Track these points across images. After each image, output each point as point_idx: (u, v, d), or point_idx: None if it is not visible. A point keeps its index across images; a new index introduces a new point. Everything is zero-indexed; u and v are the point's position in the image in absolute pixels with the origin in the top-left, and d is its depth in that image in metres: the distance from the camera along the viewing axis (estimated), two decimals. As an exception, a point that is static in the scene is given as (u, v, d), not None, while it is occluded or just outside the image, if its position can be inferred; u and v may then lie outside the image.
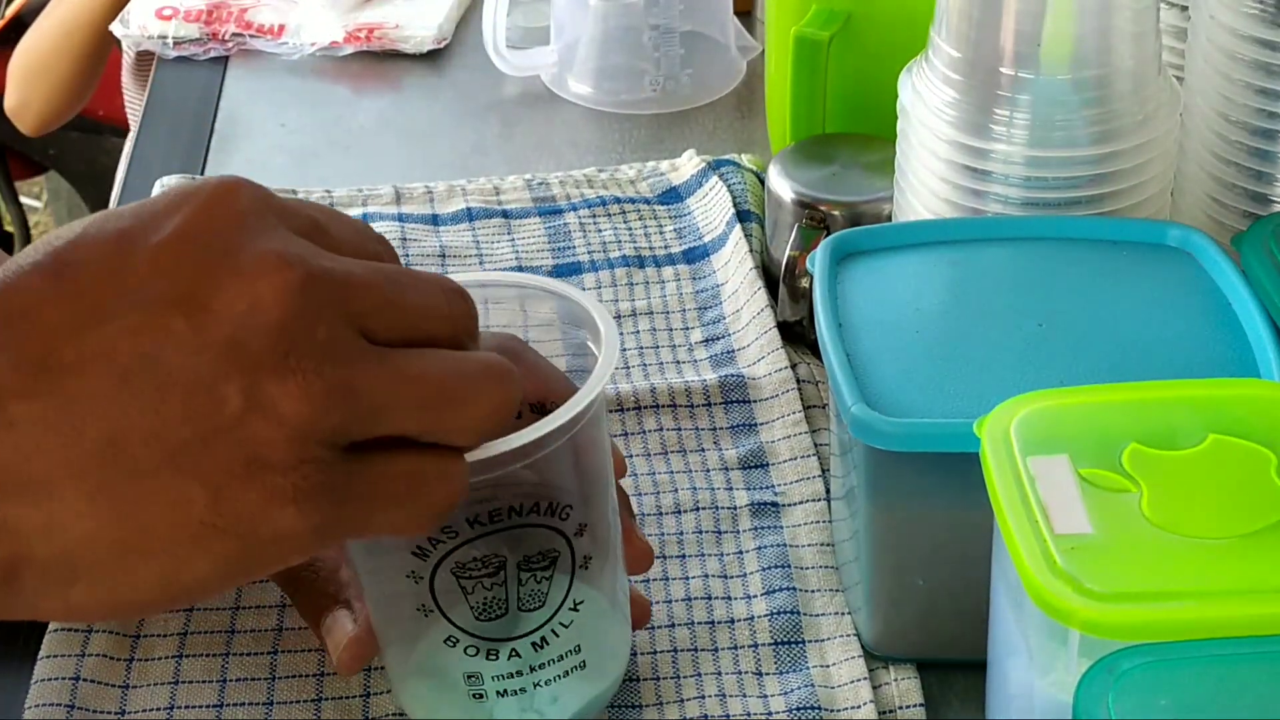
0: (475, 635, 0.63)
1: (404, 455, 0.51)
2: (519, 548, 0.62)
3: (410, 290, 0.52)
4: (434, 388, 0.51)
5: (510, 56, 1.15)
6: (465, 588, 0.61)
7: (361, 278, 0.50)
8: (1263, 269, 0.72)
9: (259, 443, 0.48)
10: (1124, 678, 0.50)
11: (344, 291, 0.49)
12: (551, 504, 0.61)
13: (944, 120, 0.78)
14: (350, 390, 0.49)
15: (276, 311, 0.48)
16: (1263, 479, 0.56)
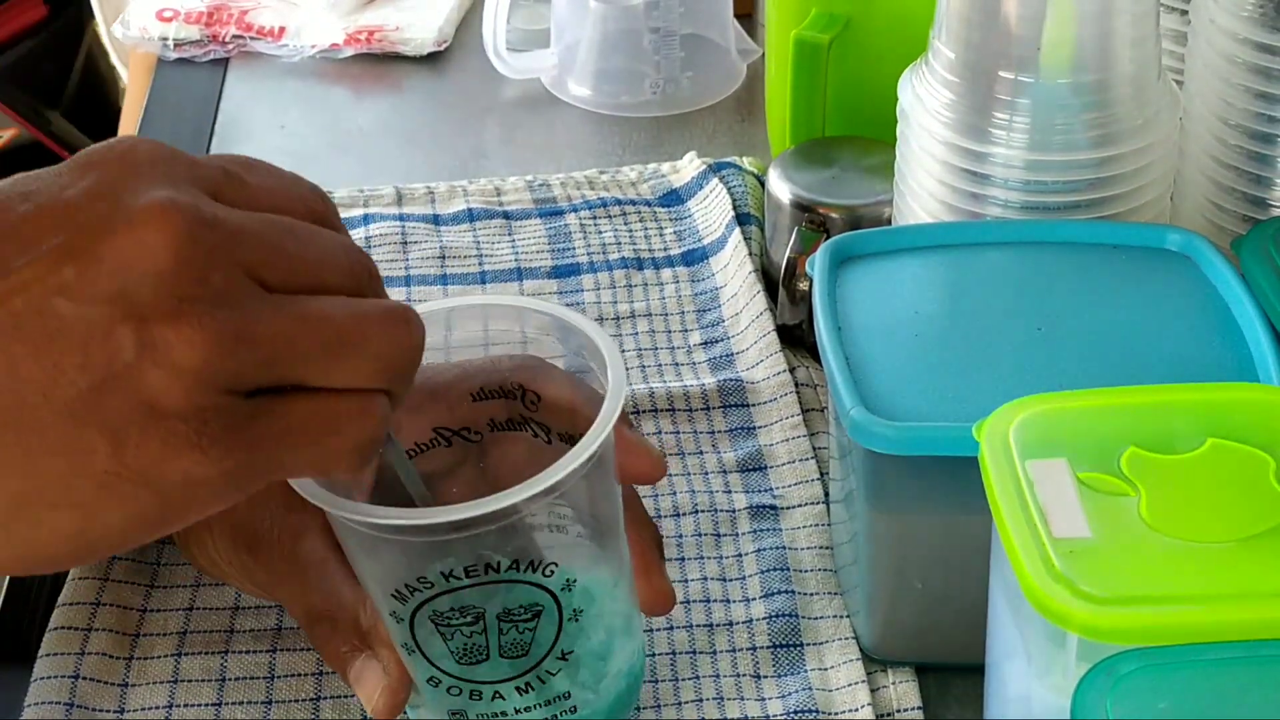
0: (457, 677, 0.62)
1: (312, 396, 0.50)
2: (500, 599, 0.61)
3: (308, 244, 0.51)
4: (332, 330, 0.50)
5: (510, 59, 1.15)
6: (444, 634, 0.61)
7: (256, 228, 0.50)
8: (1262, 273, 0.72)
9: (156, 389, 0.48)
10: (1122, 681, 0.50)
11: (237, 240, 0.49)
12: (533, 561, 0.60)
13: (943, 123, 0.78)
14: (246, 335, 0.48)
15: (166, 257, 0.47)
16: (1261, 483, 0.56)
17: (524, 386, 0.66)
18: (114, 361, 0.47)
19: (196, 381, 0.48)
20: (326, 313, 0.50)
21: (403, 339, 0.52)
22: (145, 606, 0.74)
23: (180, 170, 0.50)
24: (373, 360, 0.51)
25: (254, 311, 0.49)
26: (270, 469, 0.51)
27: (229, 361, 0.48)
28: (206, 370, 0.48)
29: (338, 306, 0.51)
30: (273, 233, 0.50)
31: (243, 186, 0.51)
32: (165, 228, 0.48)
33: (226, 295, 0.48)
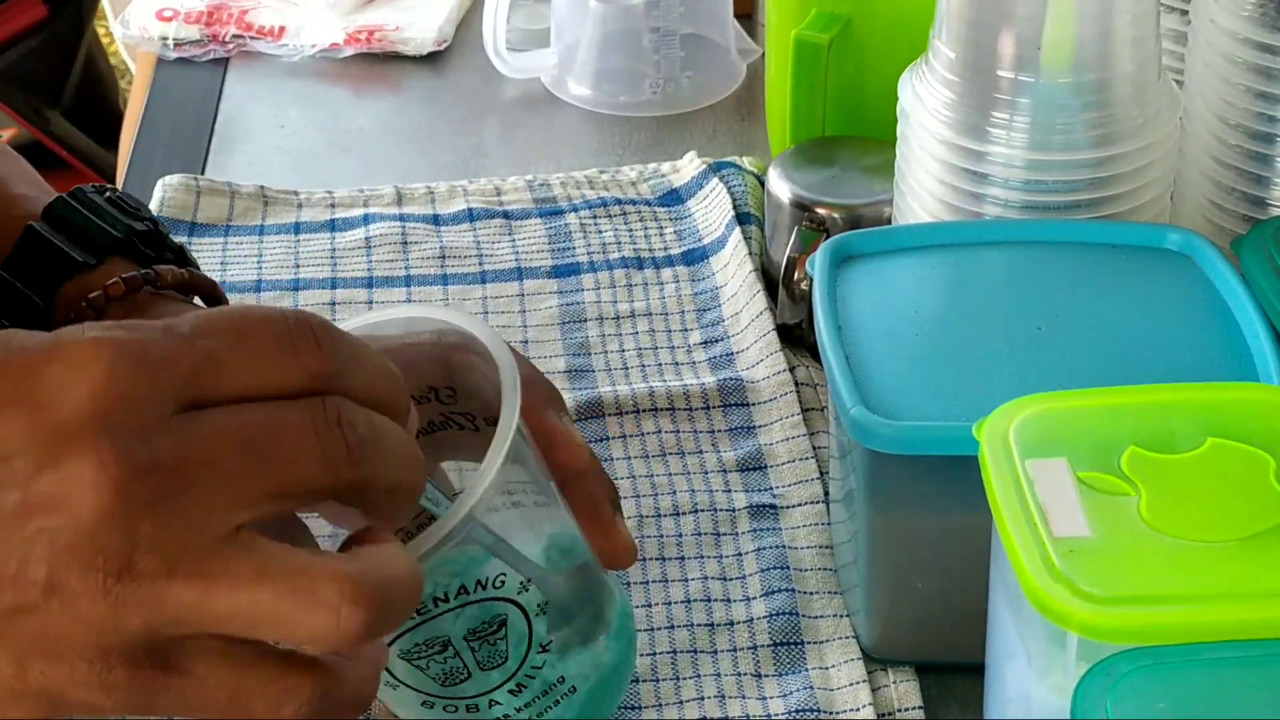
0: (447, 698, 0.62)
1: (228, 666, 0.48)
2: (462, 622, 0.60)
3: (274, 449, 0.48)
4: (248, 604, 0.47)
5: (510, 59, 1.15)
6: (420, 666, 0.61)
7: (200, 458, 0.47)
8: (1262, 273, 0.72)
9: (61, 629, 0.47)
10: (1122, 681, 0.50)
11: (174, 480, 0.47)
12: (480, 580, 0.59)
13: (944, 123, 0.78)
14: (153, 600, 0.47)
15: (85, 510, 0.46)
16: (1261, 482, 0.56)
17: (434, 387, 0.64)
18: (22, 595, 0.47)
19: (99, 633, 0.47)
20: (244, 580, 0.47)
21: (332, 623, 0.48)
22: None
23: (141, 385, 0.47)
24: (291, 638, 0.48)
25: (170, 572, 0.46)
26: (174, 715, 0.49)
27: (134, 620, 0.47)
28: (109, 625, 0.47)
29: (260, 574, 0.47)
30: (225, 457, 0.47)
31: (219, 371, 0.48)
32: (95, 482, 0.46)
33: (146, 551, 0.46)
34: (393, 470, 0.50)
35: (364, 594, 0.48)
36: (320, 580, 0.48)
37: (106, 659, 0.47)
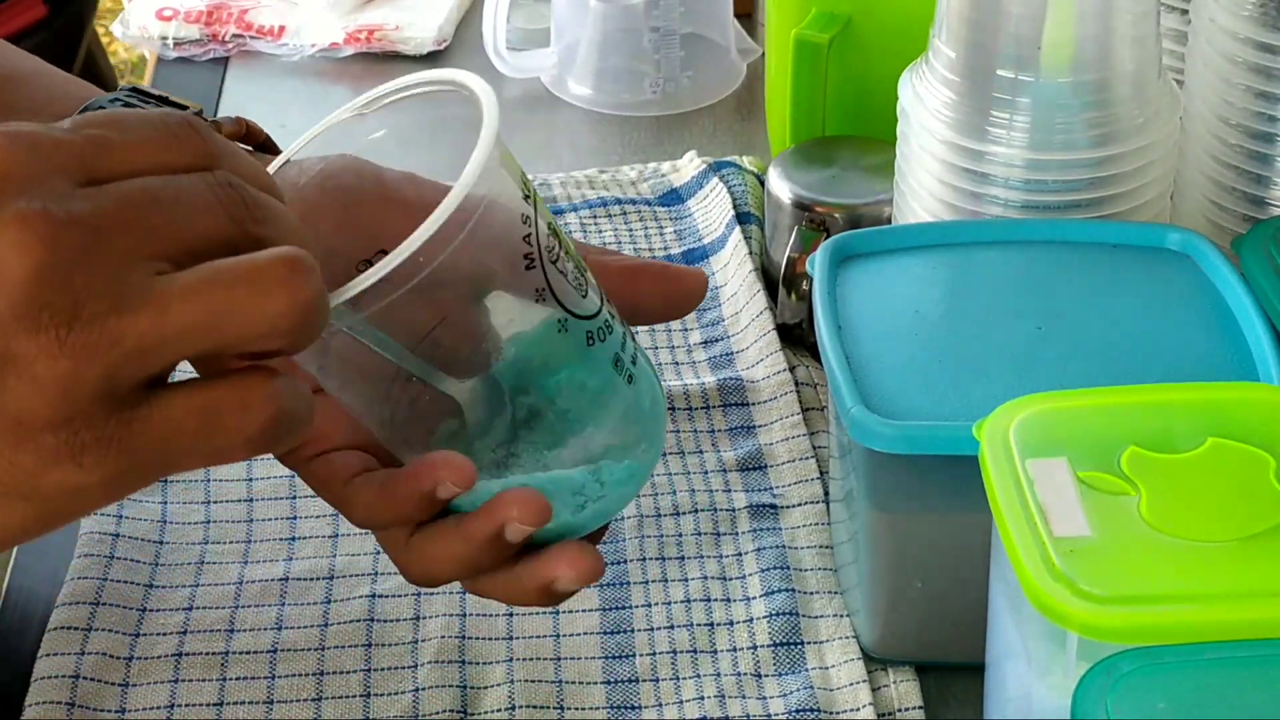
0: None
1: (190, 391, 0.49)
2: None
3: (174, 207, 0.49)
4: (205, 306, 0.47)
5: (510, 58, 1.15)
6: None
7: (114, 211, 0.48)
8: (1262, 272, 0.72)
9: (21, 404, 0.47)
10: (1122, 680, 0.50)
11: (97, 233, 0.47)
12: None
13: (944, 123, 0.78)
14: (110, 337, 0.47)
15: (20, 270, 0.46)
16: (1261, 482, 0.56)
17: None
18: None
19: (63, 393, 0.47)
20: (193, 287, 0.48)
21: (290, 296, 0.48)
22: (145, 606, 0.74)
23: (39, 164, 0.48)
24: (253, 326, 0.48)
25: (118, 308, 0.47)
26: (154, 471, 0.49)
27: (95, 367, 0.47)
28: (72, 380, 0.47)
29: (207, 276, 0.48)
30: (137, 209, 0.48)
31: (110, 153, 0.49)
32: (20, 241, 0.46)
33: (89, 297, 0.47)
34: (291, 234, 0.50)
35: (304, 262, 0.49)
36: (263, 262, 0.48)
37: (71, 423, 0.47)
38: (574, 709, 0.69)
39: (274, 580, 0.75)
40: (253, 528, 0.79)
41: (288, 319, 0.48)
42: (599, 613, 0.74)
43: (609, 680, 0.71)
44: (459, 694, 0.70)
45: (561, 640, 0.72)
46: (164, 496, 0.80)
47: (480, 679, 0.71)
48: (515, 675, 0.70)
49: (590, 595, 0.74)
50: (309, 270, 0.49)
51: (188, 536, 0.78)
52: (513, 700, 0.69)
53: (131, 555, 0.76)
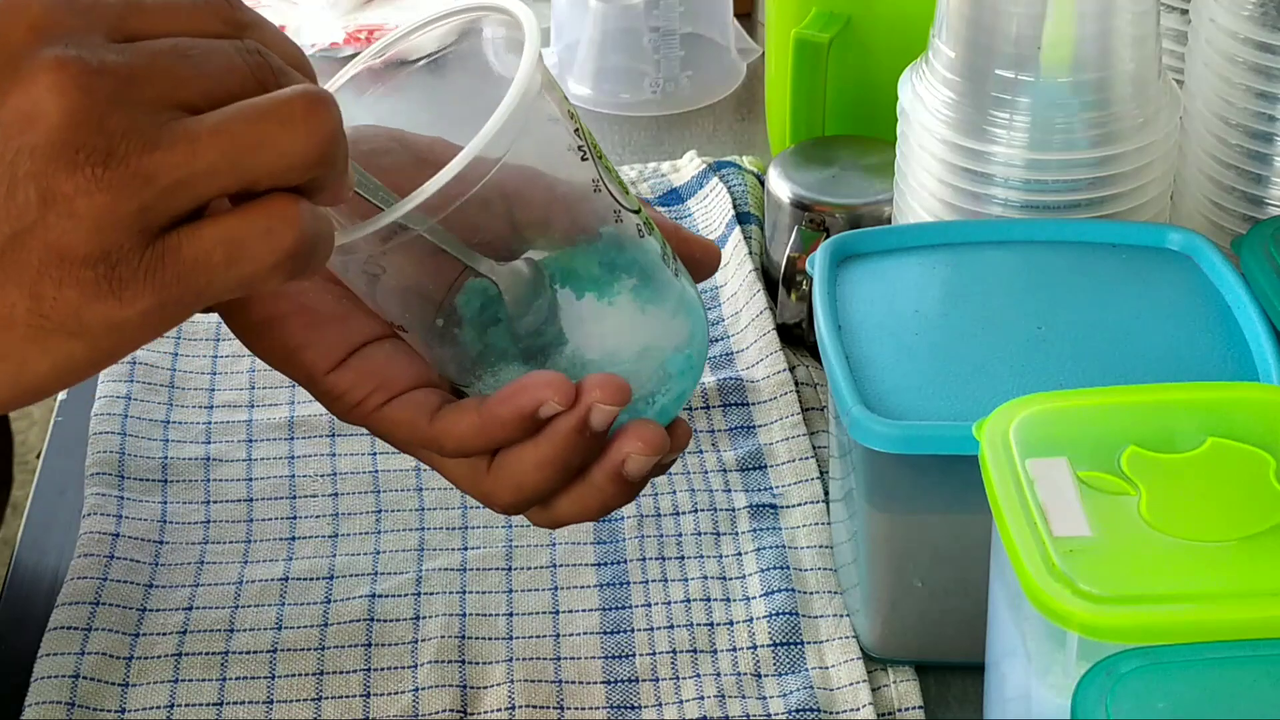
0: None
1: (217, 221, 0.51)
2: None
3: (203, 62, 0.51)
4: (232, 141, 0.50)
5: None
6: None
7: (147, 62, 0.50)
8: (1262, 272, 0.72)
9: (62, 239, 0.49)
10: (1122, 680, 0.50)
11: (129, 80, 0.50)
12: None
13: (944, 123, 0.78)
14: (144, 174, 0.49)
15: (57, 112, 0.49)
16: (1261, 482, 0.56)
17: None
18: (19, 219, 0.49)
19: (100, 227, 0.49)
20: (221, 125, 0.50)
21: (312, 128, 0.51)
22: (145, 606, 0.74)
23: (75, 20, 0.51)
24: (279, 158, 0.51)
25: (150, 147, 0.49)
26: (190, 301, 0.52)
27: (131, 202, 0.49)
28: (109, 215, 0.49)
29: (235, 114, 0.51)
30: (166, 63, 0.51)
31: (143, 15, 0.52)
32: (56, 84, 0.49)
33: (122, 137, 0.49)
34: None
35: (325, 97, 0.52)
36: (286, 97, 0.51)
37: (109, 256, 0.49)
38: (574, 709, 0.69)
39: (274, 580, 0.75)
40: (253, 528, 0.79)
41: (314, 150, 0.51)
42: (599, 613, 0.74)
43: (609, 680, 0.71)
44: (459, 694, 0.70)
45: (561, 640, 0.72)
46: (164, 496, 0.80)
47: (480, 679, 0.71)
48: (515, 675, 0.70)
49: (590, 595, 0.75)
50: (330, 104, 0.51)
51: (188, 536, 0.78)
52: (513, 700, 0.69)
53: (131, 555, 0.76)
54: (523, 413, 0.60)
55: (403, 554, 0.77)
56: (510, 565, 0.76)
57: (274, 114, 0.51)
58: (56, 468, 0.83)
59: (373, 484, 0.81)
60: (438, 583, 0.75)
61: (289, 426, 0.84)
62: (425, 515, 0.79)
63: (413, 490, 0.80)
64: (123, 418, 0.84)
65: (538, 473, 0.62)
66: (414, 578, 0.75)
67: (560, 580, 0.75)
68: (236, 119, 0.51)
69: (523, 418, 0.60)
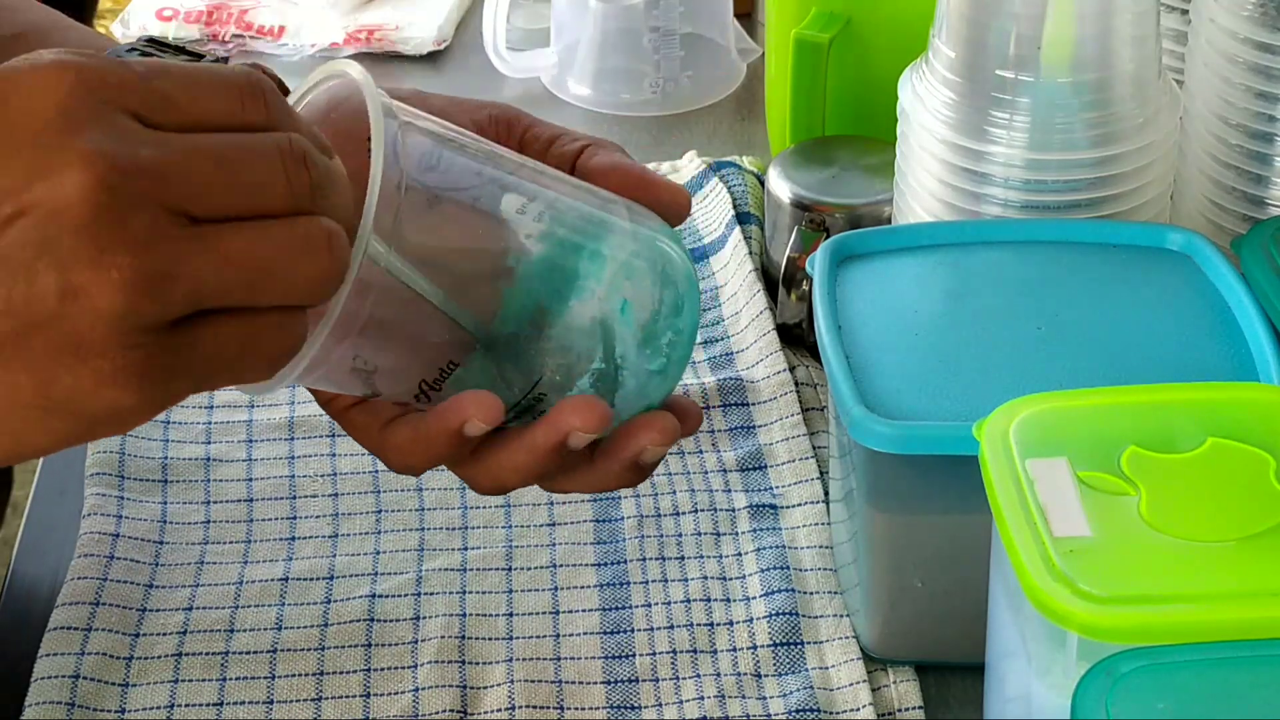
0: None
1: (231, 320, 0.52)
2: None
3: (238, 170, 0.52)
4: (252, 266, 0.51)
5: (510, 58, 1.15)
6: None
7: (179, 162, 0.51)
8: (1262, 272, 0.72)
9: (79, 332, 0.50)
10: (1122, 680, 0.50)
11: (158, 180, 0.50)
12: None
13: (944, 123, 0.78)
14: (165, 278, 0.50)
15: (84, 209, 0.49)
16: (1261, 482, 0.56)
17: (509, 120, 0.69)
18: (38, 307, 0.49)
19: (118, 324, 0.50)
20: (247, 247, 0.51)
21: (323, 265, 0.53)
22: (145, 606, 0.74)
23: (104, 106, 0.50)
24: (291, 289, 0.53)
25: (174, 253, 0.50)
26: (190, 390, 0.53)
27: (149, 304, 0.50)
28: (127, 313, 0.50)
29: (259, 237, 0.52)
30: (198, 165, 0.51)
31: (170, 106, 0.52)
32: (85, 180, 0.49)
33: (147, 240, 0.50)
34: (341, 209, 0.54)
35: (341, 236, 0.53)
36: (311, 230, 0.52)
37: (125, 352, 0.50)
38: (574, 709, 0.69)
39: (274, 580, 0.75)
40: (253, 528, 0.79)
41: (328, 283, 0.53)
42: (599, 613, 0.74)
43: (609, 680, 0.71)
44: (459, 694, 0.70)
45: (561, 640, 0.72)
46: (164, 496, 0.80)
47: (480, 679, 0.71)
48: (515, 675, 0.70)
49: (590, 595, 0.75)
50: (344, 242, 0.53)
51: (188, 536, 0.78)
52: (513, 700, 0.69)
53: (131, 555, 0.76)
54: (449, 430, 0.61)
55: (403, 554, 0.77)
56: (510, 565, 0.76)
57: (300, 242, 0.52)
58: (56, 468, 0.83)
59: (373, 484, 0.81)
60: (438, 583, 0.75)
61: (289, 426, 0.84)
62: (425, 515, 0.79)
63: (413, 490, 0.80)
64: (123, 418, 0.83)
65: (516, 476, 0.63)
66: (414, 578, 0.75)
67: (560, 580, 0.75)
68: (263, 243, 0.52)
69: (450, 434, 0.61)
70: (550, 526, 0.78)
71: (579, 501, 0.79)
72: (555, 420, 0.61)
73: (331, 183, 0.53)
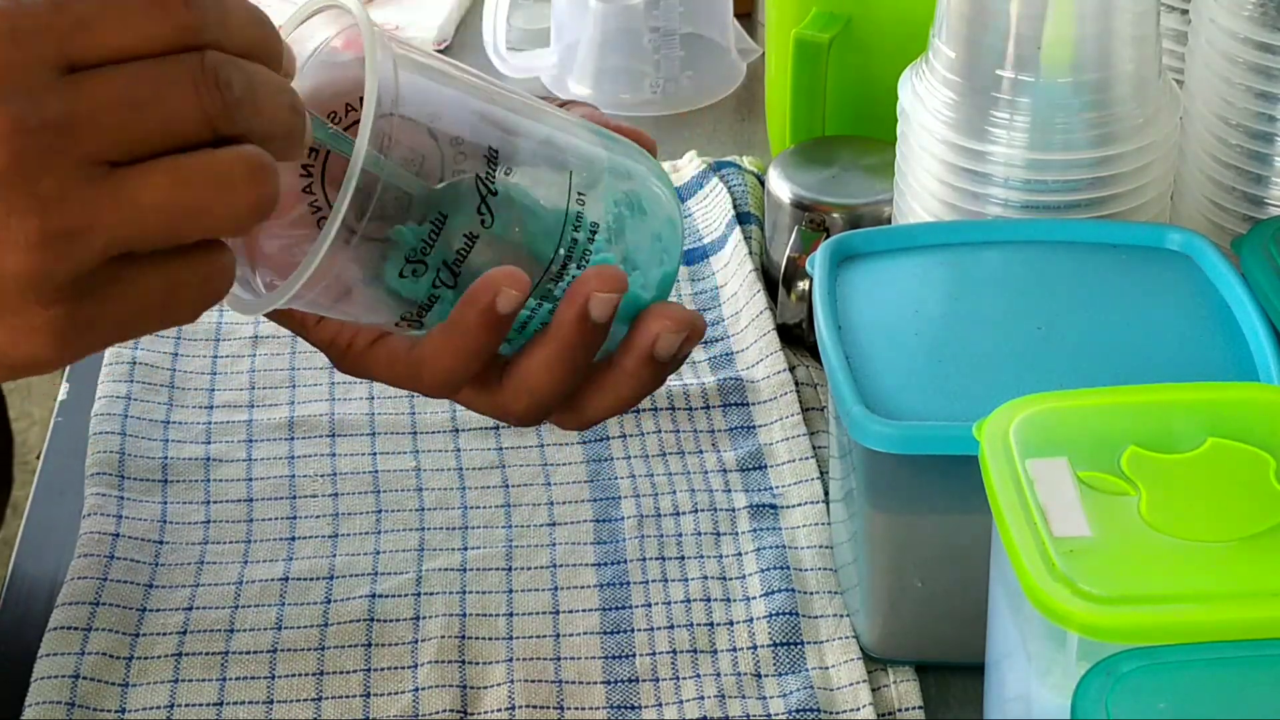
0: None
1: (151, 266, 0.52)
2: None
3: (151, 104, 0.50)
4: (169, 210, 0.51)
5: (510, 58, 1.15)
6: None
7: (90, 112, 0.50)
8: (1262, 272, 0.72)
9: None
10: (1122, 680, 0.50)
11: (67, 136, 0.49)
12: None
13: (944, 122, 0.78)
14: (76, 235, 0.49)
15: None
16: (1261, 482, 0.56)
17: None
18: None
19: (31, 285, 0.50)
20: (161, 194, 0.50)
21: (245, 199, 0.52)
22: (145, 606, 0.74)
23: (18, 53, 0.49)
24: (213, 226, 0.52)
25: (85, 208, 0.50)
26: (117, 338, 0.53)
27: (60, 263, 0.50)
28: (39, 274, 0.50)
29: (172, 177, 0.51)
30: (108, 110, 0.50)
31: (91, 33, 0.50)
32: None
33: (56, 198, 0.49)
34: (272, 122, 0.52)
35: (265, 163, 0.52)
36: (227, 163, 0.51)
37: (45, 309, 0.50)
38: (574, 709, 0.69)
39: (274, 580, 0.75)
40: (253, 528, 0.79)
41: (249, 216, 0.52)
42: (599, 613, 0.74)
43: (609, 680, 0.71)
44: (459, 694, 0.70)
45: (561, 640, 0.72)
46: (164, 497, 0.80)
47: (480, 679, 0.71)
48: (515, 675, 0.70)
49: (590, 595, 0.75)
50: (270, 170, 0.52)
51: (188, 536, 0.78)
52: (513, 700, 0.69)
53: (131, 555, 0.76)
54: (481, 307, 0.59)
55: (403, 554, 0.77)
56: (510, 565, 0.76)
57: (214, 180, 0.51)
58: (56, 468, 0.83)
59: (373, 484, 0.81)
60: (438, 583, 0.75)
61: (289, 426, 0.84)
62: (425, 515, 0.79)
63: (413, 490, 0.80)
64: (123, 418, 0.84)
65: (547, 373, 0.62)
66: (414, 578, 0.75)
67: (560, 580, 0.75)
68: (179, 183, 0.51)
69: (482, 314, 0.60)
70: (550, 526, 0.78)
71: (579, 502, 0.79)
72: (574, 291, 0.60)
73: (254, 96, 0.52)
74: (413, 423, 0.84)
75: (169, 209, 0.50)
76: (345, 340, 0.65)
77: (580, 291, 0.60)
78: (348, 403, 0.85)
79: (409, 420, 0.84)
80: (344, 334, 0.65)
